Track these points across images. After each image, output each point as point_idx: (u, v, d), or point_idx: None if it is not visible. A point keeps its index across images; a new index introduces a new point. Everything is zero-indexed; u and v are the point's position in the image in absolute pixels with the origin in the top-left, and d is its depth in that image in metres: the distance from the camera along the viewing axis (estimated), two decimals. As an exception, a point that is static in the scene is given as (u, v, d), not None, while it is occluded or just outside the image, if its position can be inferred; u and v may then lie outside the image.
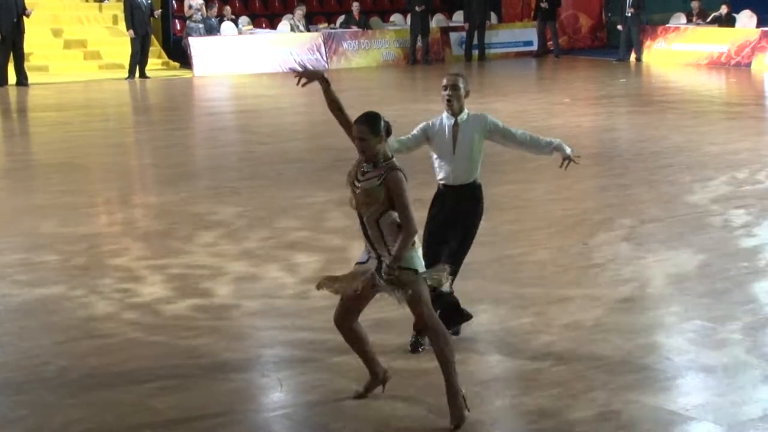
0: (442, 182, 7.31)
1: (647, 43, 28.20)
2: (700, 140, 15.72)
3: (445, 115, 7.23)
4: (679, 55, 27.37)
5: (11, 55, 23.32)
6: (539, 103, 20.29)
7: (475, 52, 29.06)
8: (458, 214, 7.24)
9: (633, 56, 28.04)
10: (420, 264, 6.13)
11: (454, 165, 7.18)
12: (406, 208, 6.02)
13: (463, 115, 7.20)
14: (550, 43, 29.97)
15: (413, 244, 6.10)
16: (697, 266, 9.22)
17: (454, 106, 7.17)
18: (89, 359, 7.15)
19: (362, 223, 6.14)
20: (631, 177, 13.10)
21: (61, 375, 6.88)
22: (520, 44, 30.25)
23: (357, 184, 6.13)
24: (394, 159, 6.13)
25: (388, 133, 6.16)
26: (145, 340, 7.53)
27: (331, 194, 11.86)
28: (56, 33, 26.70)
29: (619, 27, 28.35)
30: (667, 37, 28.01)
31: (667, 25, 28.36)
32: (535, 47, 30.12)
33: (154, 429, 6.08)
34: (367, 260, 6.20)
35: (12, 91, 22.85)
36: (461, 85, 7.17)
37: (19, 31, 23.21)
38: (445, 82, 7.20)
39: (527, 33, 30.38)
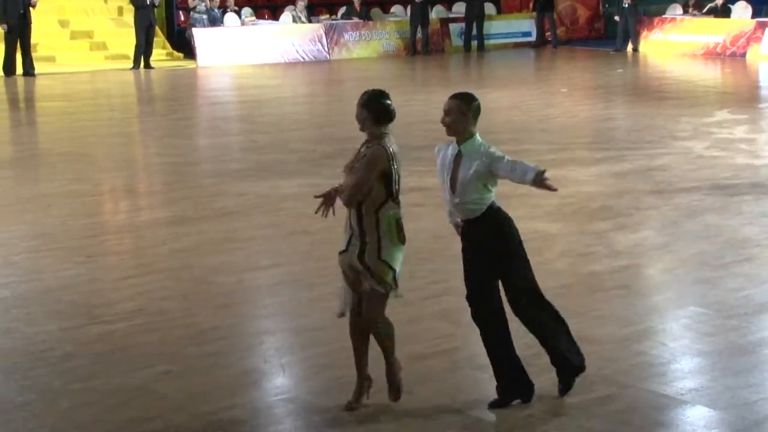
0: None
1: (644, 33, 28.27)
2: (695, 129, 15.78)
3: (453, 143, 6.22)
4: (675, 45, 27.43)
5: (18, 45, 23.45)
6: (537, 94, 20.37)
7: (475, 43, 29.13)
8: (486, 250, 6.17)
9: (630, 47, 28.08)
10: (398, 263, 6.04)
11: (455, 203, 6.16)
12: (358, 177, 5.92)
13: (468, 145, 6.09)
14: (548, 33, 30.03)
15: (401, 240, 6.01)
16: (693, 253, 9.30)
17: (450, 133, 6.13)
18: (94, 345, 7.25)
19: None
20: (627, 165, 13.16)
21: (67, 360, 6.97)
22: (519, 35, 30.29)
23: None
24: (386, 138, 6.01)
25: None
26: (149, 326, 7.61)
27: (332, 183, 11.94)
28: (63, 24, 26.90)
29: (617, 18, 28.39)
30: (663, 28, 28.07)
31: (663, 16, 28.43)
32: (533, 38, 30.17)
33: (159, 413, 6.17)
34: (347, 248, 6.09)
35: (19, 81, 22.98)
36: (455, 109, 6.08)
37: (25, 22, 23.34)
38: (444, 106, 6.16)
39: (525, 24, 30.43)
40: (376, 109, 6.04)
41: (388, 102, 6.09)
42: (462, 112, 6.07)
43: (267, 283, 8.67)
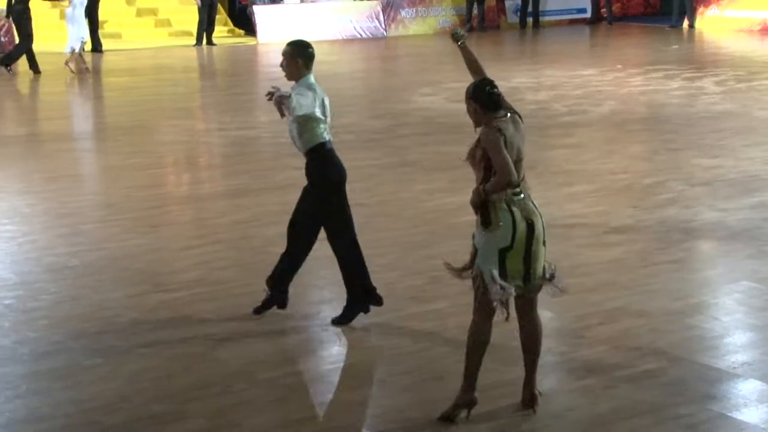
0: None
1: (700, 9, 28.01)
2: (750, 105, 15.72)
3: None
4: (731, 21, 27.17)
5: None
6: (591, 70, 20.28)
7: (530, 20, 29.10)
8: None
9: (686, 23, 27.88)
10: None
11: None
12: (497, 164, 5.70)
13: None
14: (603, 10, 29.88)
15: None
16: (745, 228, 9.31)
17: (287, 77, 7.11)
18: (159, 312, 7.46)
19: None
20: (681, 141, 13.17)
21: (133, 326, 7.17)
22: (574, 11, 30.14)
23: None
24: (497, 121, 5.80)
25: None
26: (211, 295, 7.80)
27: (387, 158, 12.08)
28: (129, 2, 27.37)
29: (672, -7, 28.21)
30: (720, 4, 27.80)
31: (720, -8, 28.23)
32: (588, 14, 30.05)
33: (219, 379, 6.33)
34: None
35: (87, 57, 23.29)
36: (287, 55, 7.01)
37: (93, 0, 23.71)
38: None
39: (581, 0, 30.28)
40: (481, 99, 5.81)
41: (494, 90, 5.79)
42: (293, 57, 6.89)
43: (324, 254, 8.62)
